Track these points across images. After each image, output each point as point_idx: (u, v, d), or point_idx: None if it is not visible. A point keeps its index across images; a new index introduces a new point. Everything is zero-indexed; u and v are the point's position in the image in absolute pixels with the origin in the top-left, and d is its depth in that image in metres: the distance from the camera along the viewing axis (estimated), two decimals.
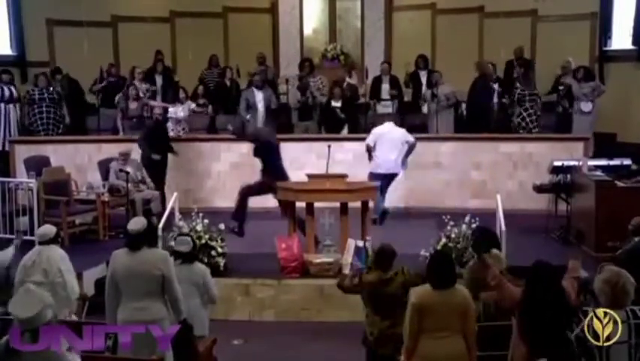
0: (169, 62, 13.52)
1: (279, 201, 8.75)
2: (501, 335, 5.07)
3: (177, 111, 11.27)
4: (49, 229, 6.36)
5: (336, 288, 5.89)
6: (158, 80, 12.47)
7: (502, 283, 4.86)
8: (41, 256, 6.16)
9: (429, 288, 4.78)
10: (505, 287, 4.86)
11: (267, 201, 10.24)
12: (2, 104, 11.39)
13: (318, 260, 7.81)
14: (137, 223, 5.37)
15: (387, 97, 12.06)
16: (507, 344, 4.98)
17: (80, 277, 6.95)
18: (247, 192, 9.08)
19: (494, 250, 5.94)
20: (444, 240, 7.64)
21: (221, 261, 7.91)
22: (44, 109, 11.32)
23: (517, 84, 11.15)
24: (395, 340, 5.22)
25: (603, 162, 8.89)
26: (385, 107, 12.15)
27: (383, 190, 9.48)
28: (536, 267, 4.63)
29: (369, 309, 5.48)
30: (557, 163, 9.15)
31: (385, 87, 12.09)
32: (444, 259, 4.95)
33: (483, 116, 11.40)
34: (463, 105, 11.81)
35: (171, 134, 11.24)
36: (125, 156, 9.81)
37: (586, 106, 11.17)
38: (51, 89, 11.48)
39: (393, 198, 10.28)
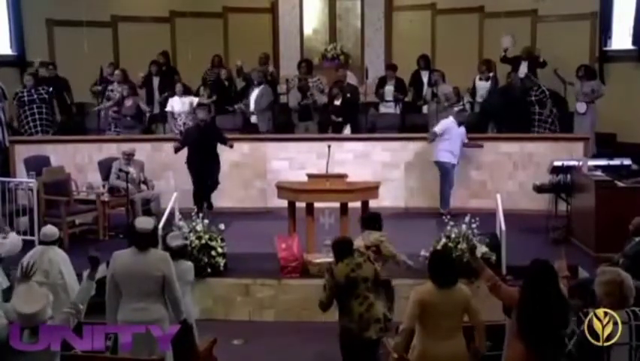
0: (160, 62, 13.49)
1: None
2: (496, 334, 5.07)
3: (173, 105, 11.25)
4: (53, 230, 6.35)
5: None
6: (155, 81, 12.44)
7: (496, 285, 4.87)
8: (42, 257, 6.16)
9: (432, 286, 4.79)
10: (501, 289, 4.87)
11: (268, 201, 10.27)
12: None
13: (318, 260, 7.81)
14: (146, 223, 5.34)
15: (391, 98, 12.08)
16: (502, 344, 4.98)
17: (80, 277, 6.93)
18: None
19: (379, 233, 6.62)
20: (444, 240, 7.64)
21: (221, 261, 7.91)
22: (35, 110, 11.15)
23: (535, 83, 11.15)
24: (375, 321, 5.44)
25: (603, 162, 8.89)
26: (388, 107, 12.18)
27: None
28: (534, 266, 4.64)
29: (344, 301, 5.53)
30: (557, 163, 9.15)
31: (389, 88, 12.12)
32: (445, 258, 4.99)
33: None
34: (465, 99, 11.81)
35: (172, 129, 11.25)
36: (128, 156, 9.80)
37: (580, 107, 11.19)
38: (40, 88, 11.31)
39: (394, 197, 10.31)
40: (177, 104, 11.25)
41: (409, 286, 6.23)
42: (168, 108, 11.33)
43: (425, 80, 12.16)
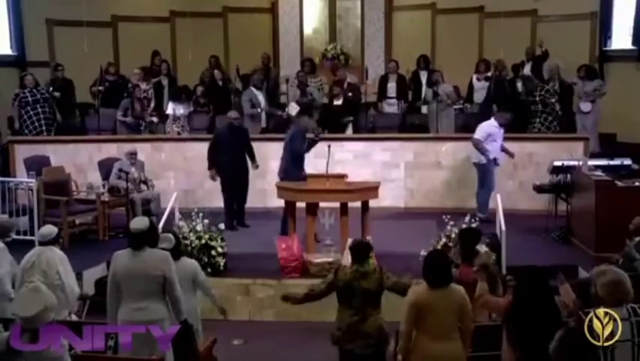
0: (169, 62, 13.51)
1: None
2: (494, 335, 5.07)
3: (176, 109, 11.29)
4: (50, 230, 6.35)
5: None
6: (164, 81, 12.45)
7: (487, 302, 4.91)
8: (40, 257, 6.15)
9: (426, 287, 4.78)
10: (490, 305, 4.90)
11: (268, 201, 10.26)
12: None
13: (318, 260, 7.81)
14: (139, 223, 5.35)
15: (394, 94, 12.08)
16: (500, 345, 4.98)
17: (79, 277, 6.95)
18: None
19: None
20: (444, 240, 7.63)
21: (221, 261, 7.92)
22: (40, 110, 11.12)
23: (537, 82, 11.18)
24: (363, 336, 5.24)
25: (603, 162, 8.90)
26: (391, 105, 12.18)
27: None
28: (525, 272, 4.65)
29: (341, 304, 5.40)
30: (557, 163, 9.15)
31: (392, 86, 12.12)
32: (439, 258, 4.97)
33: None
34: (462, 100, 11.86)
35: (169, 131, 11.26)
36: (133, 155, 9.80)
37: (585, 106, 11.23)
38: (40, 88, 11.29)
39: (393, 197, 10.31)
40: (178, 106, 11.28)
41: None
42: (169, 110, 11.34)
43: (424, 80, 12.16)
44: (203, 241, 7.84)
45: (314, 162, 9.82)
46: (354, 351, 5.31)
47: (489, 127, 9.66)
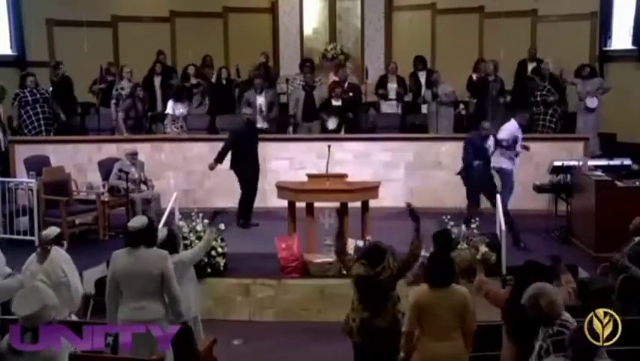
0: (169, 62, 13.51)
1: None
2: (495, 335, 5.08)
3: (176, 108, 11.28)
4: (52, 230, 6.34)
5: (336, 287, 5.87)
6: (157, 80, 12.44)
7: (488, 293, 4.92)
8: None
9: (427, 288, 4.79)
10: (489, 294, 4.95)
11: (268, 201, 10.27)
12: None
13: (318, 260, 7.81)
14: (137, 221, 5.35)
15: (394, 96, 12.07)
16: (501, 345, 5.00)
17: (80, 276, 6.92)
18: None
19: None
20: None
21: (221, 261, 7.91)
22: (39, 109, 11.09)
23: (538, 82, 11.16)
24: (375, 332, 5.19)
25: (603, 162, 8.91)
26: (390, 105, 12.17)
27: None
28: (525, 267, 4.67)
29: (355, 296, 5.37)
30: (557, 163, 9.15)
31: (392, 86, 12.12)
32: (441, 258, 4.98)
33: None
34: (461, 105, 11.85)
35: (168, 131, 11.25)
36: (133, 156, 9.80)
37: (591, 102, 11.22)
38: (40, 88, 11.26)
39: (394, 197, 10.29)
40: (178, 106, 11.28)
41: (406, 285, 6.26)
42: (168, 110, 11.33)
43: (423, 80, 12.16)
44: None
45: (315, 162, 9.85)
46: (367, 347, 5.28)
47: (512, 127, 9.52)
